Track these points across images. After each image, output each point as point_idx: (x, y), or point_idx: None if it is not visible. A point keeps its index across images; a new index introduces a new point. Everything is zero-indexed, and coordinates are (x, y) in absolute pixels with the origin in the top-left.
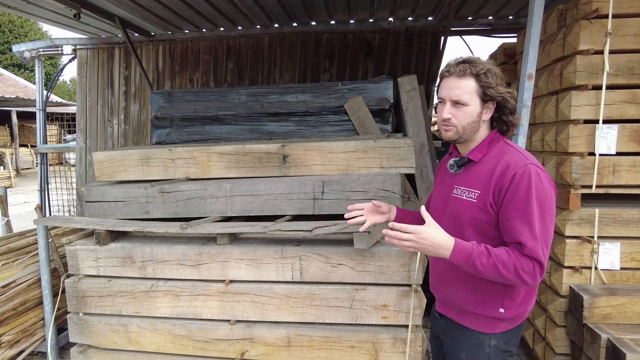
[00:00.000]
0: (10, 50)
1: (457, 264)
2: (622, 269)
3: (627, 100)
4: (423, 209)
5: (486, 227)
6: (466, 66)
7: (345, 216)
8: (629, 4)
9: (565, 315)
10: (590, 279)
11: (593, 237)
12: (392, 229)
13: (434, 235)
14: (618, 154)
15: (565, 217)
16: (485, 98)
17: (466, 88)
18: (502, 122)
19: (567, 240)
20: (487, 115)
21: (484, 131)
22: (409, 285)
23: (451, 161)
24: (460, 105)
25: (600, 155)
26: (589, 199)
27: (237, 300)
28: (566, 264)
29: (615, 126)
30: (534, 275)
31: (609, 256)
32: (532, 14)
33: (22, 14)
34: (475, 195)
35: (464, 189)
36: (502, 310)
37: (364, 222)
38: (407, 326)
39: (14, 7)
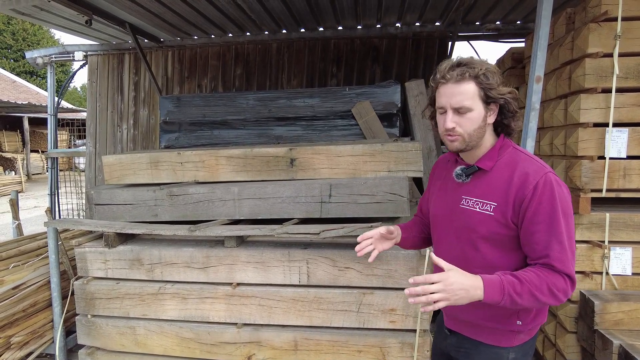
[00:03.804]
0: (24, 57)
1: (492, 302)
2: (634, 274)
3: (637, 103)
4: (433, 255)
5: (505, 241)
6: (463, 69)
7: (356, 249)
8: (638, 6)
9: (575, 321)
10: (602, 285)
11: (604, 241)
12: (414, 285)
13: (460, 277)
14: (629, 157)
15: (575, 221)
16: (488, 100)
17: (467, 93)
18: (502, 125)
19: (577, 245)
20: (491, 119)
21: (489, 136)
22: None
23: (458, 170)
24: (464, 112)
25: (610, 158)
26: (599, 203)
27: (244, 304)
28: (576, 269)
29: (625, 129)
30: (566, 292)
31: (621, 261)
32: (540, 15)
33: (36, 21)
34: (491, 207)
35: (476, 200)
36: (519, 322)
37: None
38: (414, 331)
39: (28, 14)
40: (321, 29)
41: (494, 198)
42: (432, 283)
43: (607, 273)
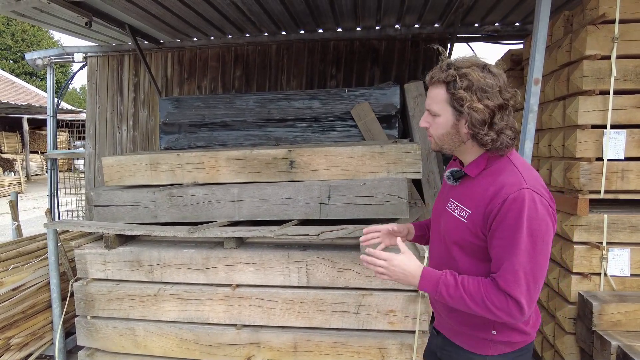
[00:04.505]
0: (23, 58)
1: (427, 292)
2: (632, 275)
3: (635, 105)
4: (399, 240)
5: (475, 250)
6: (437, 73)
7: (361, 239)
8: (635, 9)
9: (574, 322)
10: (600, 286)
11: (602, 243)
12: (368, 255)
13: (404, 263)
14: (626, 159)
15: (574, 222)
16: (458, 108)
17: (436, 97)
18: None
19: (576, 246)
20: (465, 128)
21: (476, 143)
22: (416, 291)
23: (447, 172)
24: (433, 115)
25: (608, 160)
26: (597, 204)
27: (244, 305)
28: (575, 270)
29: (623, 131)
30: (509, 313)
31: (619, 262)
32: (538, 18)
33: (36, 23)
34: (466, 214)
35: (457, 205)
36: (494, 332)
37: (378, 244)
38: (414, 332)
39: (28, 16)
40: (320, 30)
41: (469, 205)
42: (382, 259)
43: (605, 274)
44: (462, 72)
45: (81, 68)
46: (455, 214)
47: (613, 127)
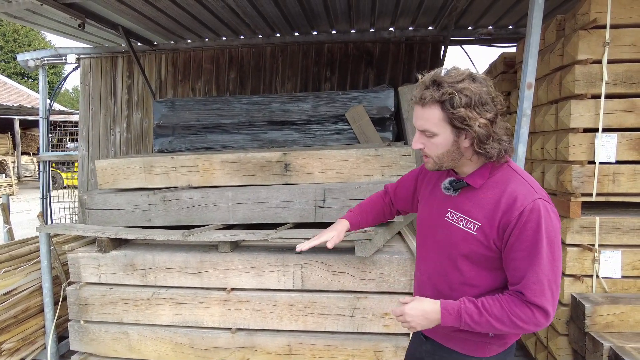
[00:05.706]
0: (14, 59)
1: (453, 325)
2: (623, 277)
3: (626, 109)
4: (399, 302)
5: (484, 261)
6: (428, 92)
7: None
8: (626, 14)
9: (567, 323)
10: (592, 287)
11: (594, 245)
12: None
13: (419, 307)
14: (618, 162)
15: (566, 225)
16: (459, 126)
17: (431, 118)
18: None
19: (568, 249)
20: (466, 142)
21: (476, 155)
22: (411, 294)
23: (446, 182)
24: (429, 135)
25: (600, 163)
26: (589, 207)
27: (239, 309)
28: (567, 272)
29: (614, 135)
30: (536, 323)
31: (611, 264)
32: (531, 24)
33: (27, 24)
34: (475, 226)
35: (460, 216)
36: (491, 334)
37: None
38: (408, 335)
39: (20, 17)
40: (315, 33)
41: (478, 217)
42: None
43: (597, 276)
44: (458, 88)
45: (74, 69)
46: (461, 226)
47: (605, 130)
